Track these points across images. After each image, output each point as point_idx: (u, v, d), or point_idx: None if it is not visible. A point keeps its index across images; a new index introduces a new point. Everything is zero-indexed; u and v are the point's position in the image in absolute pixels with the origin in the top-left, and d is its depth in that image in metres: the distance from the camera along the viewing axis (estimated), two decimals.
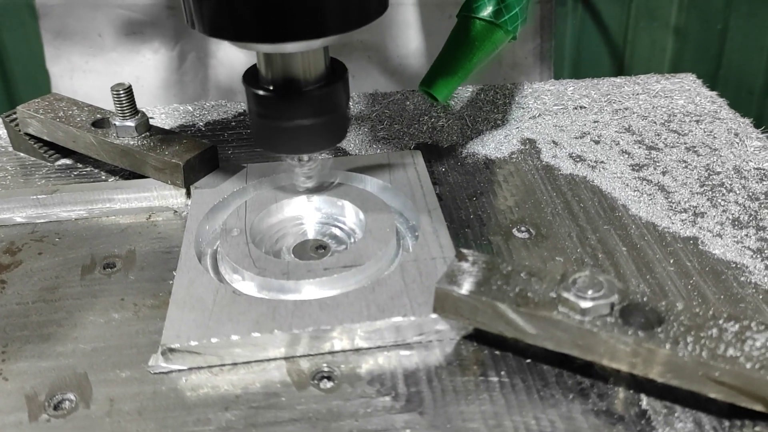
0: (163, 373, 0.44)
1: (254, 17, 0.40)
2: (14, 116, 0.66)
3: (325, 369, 0.44)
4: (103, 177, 0.64)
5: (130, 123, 0.60)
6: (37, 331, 0.47)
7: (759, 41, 1.33)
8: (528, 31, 1.03)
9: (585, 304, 0.40)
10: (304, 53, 0.45)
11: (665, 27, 1.35)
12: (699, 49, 1.36)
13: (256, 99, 0.48)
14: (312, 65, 0.46)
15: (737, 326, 0.39)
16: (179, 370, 0.44)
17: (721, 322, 0.39)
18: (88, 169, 0.65)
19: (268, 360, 0.44)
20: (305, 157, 0.53)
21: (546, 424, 0.40)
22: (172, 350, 0.43)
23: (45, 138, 0.65)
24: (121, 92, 0.59)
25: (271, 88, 0.47)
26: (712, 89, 0.75)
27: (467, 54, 0.59)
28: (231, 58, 0.89)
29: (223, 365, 0.44)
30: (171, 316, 0.45)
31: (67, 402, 0.42)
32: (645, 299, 0.41)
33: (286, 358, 0.45)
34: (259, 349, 0.44)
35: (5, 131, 0.69)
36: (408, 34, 0.92)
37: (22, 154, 0.68)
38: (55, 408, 0.42)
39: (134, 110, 0.60)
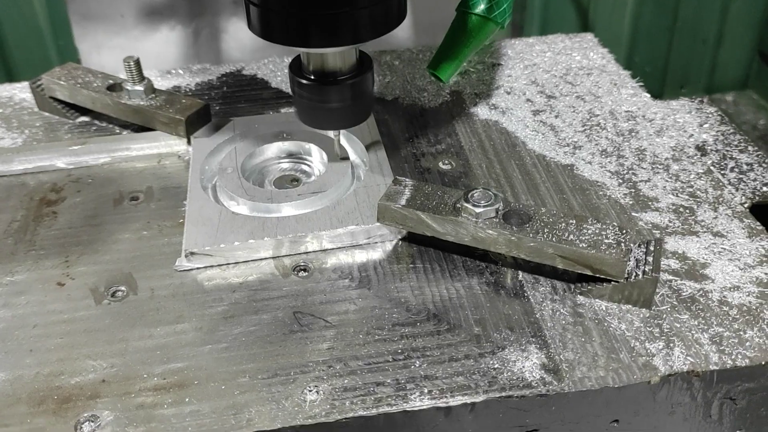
0: (186, 270, 0.62)
1: (302, 31, 0.56)
2: (39, 83, 0.82)
3: (302, 264, 0.62)
4: (117, 131, 0.80)
5: (139, 87, 0.76)
6: (89, 246, 0.65)
7: None
8: None
9: (478, 210, 0.58)
10: (341, 52, 0.61)
11: None
12: (657, 3, 1.51)
13: (301, 86, 0.63)
14: (347, 60, 0.62)
15: (577, 221, 0.58)
16: (197, 268, 0.62)
17: (568, 219, 0.58)
18: (104, 124, 0.81)
19: (261, 259, 0.62)
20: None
21: (453, 292, 0.59)
22: (192, 253, 0.61)
23: (68, 100, 0.80)
24: (132, 63, 0.75)
25: (312, 77, 0.62)
26: (670, 40, 0.89)
27: (465, 43, 0.72)
28: (241, 35, 1.03)
29: (229, 263, 0.62)
30: (188, 230, 0.63)
31: (120, 292, 0.60)
32: (521, 205, 0.60)
33: (273, 257, 0.63)
34: (253, 251, 0.62)
35: (31, 95, 0.84)
36: None
37: (46, 114, 0.83)
38: (113, 296, 0.60)
39: (142, 77, 0.76)
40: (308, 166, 0.74)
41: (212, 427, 0.49)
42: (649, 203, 0.67)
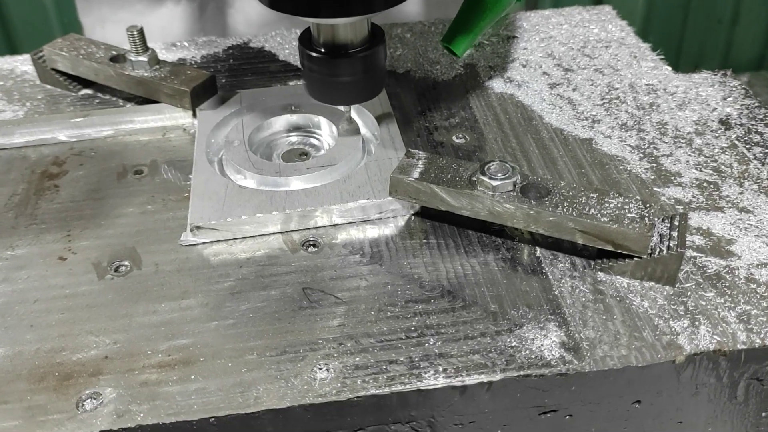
0: (191, 245, 0.60)
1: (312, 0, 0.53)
2: (41, 54, 0.79)
3: (311, 239, 0.60)
4: (121, 103, 0.78)
5: (143, 58, 0.73)
6: (91, 220, 0.63)
7: None
8: None
9: (495, 183, 0.56)
10: (353, 23, 0.58)
11: None
12: None
13: (310, 59, 0.60)
14: (358, 32, 0.59)
15: (598, 195, 0.55)
16: (203, 243, 0.60)
17: (589, 193, 0.56)
18: (107, 97, 0.79)
19: (269, 234, 0.60)
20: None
21: (468, 268, 0.57)
22: (198, 228, 0.59)
23: (69, 72, 0.78)
24: (135, 33, 0.73)
25: (323, 50, 0.59)
26: (685, 19, 0.87)
27: (481, 16, 0.69)
28: (247, 8, 1.00)
29: (236, 238, 0.60)
30: (194, 203, 0.61)
31: (123, 267, 0.58)
32: (539, 179, 0.57)
33: (282, 232, 0.60)
34: (261, 225, 0.60)
35: (33, 68, 0.82)
36: None
37: (48, 86, 0.81)
38: (116, 270, 0.58)
39: (146, 47, 0.74)
40: (317, 139, 0.71)
41: (219, 405, 0.47)
42: (672, 178, 0.65)
